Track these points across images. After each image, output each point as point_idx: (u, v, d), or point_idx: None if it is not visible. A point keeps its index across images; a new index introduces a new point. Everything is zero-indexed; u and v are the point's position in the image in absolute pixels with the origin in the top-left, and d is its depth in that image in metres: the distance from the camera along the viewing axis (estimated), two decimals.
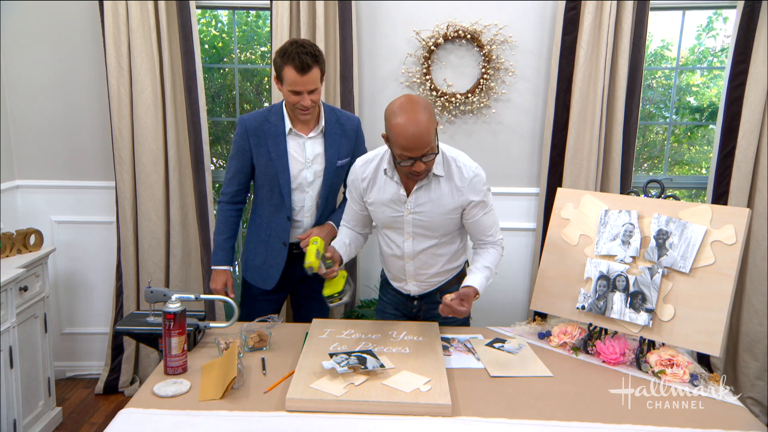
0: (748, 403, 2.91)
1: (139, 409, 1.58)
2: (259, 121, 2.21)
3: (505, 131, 2.99)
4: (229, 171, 2.30)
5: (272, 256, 2.30)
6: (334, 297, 1.93)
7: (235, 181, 2.29)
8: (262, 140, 2.19)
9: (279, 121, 2.20)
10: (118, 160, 2.93)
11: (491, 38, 2.88)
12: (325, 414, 1.55)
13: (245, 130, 2.21)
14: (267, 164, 2.20)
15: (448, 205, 1.95)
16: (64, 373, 3.27)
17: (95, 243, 3.16)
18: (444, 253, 2.07)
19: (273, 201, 2.26)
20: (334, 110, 2.30)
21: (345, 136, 2.28)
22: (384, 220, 2.03)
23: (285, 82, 2.09)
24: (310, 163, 2.23)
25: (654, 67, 3.33)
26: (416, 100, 1.80)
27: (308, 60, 2.03)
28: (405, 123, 1.75)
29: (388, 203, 1.98)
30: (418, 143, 1.76)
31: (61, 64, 2.98)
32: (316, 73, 2.07)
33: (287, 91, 2.10)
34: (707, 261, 1.84)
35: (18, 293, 2.49)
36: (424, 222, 1.98)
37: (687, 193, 3.36)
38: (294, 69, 2.04)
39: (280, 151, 2.19)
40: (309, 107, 2.11)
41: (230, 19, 3.35)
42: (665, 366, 1.80)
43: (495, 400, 1.66)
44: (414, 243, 2.03)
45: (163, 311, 1.73)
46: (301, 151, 2.22)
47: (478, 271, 1.97)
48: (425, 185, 1.94)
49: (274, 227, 2.29)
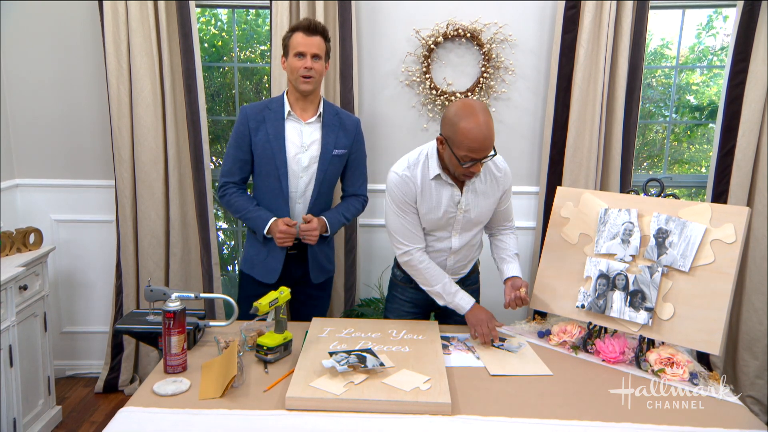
0: (747, 401, 2.91)
1: (138, 407, 1.58)
2: (260, 107, 2.28)
3: (505, 130, 2.99)
4: (228, 161, 2.30)
5: (274, 245, 2.30)
6: (264, 349, 1.83)
7: (236, 168, 2.30)
8: (261, 124, 2.25)
9: (279, 107, 2.27)
10: (118, 158, 2.93)
11: (491, 37, 2.88)
12: (324, 413, 1.55)
13: (246, 115, 2.27)
14: (264, 146, 2.23)
15: (492, 197, 2.09)
16: (64, 371, 3.28)
17: (95, 242, 3.16)
18: (476, 243, 2.20)
19: (271, 186, 2.27)
20: (334, 106, 2.37)
21: (343, 129, 2.31)
22: (435, 223, 2.06)
23: (291, 48, 2.19)
24: (307, 148, 2.26)
25: (654, 65, 3.33)
26: (477, 104, 1.87)
27: (318, 25, 2.19)
28: (475, 127, 1.81)
29: (443, 206, 2.02)
30: (488, 145, 1.85)
31: (61, 64, 2.98)
32: (322, 43, 2.20)
33: (292, 56, 2.19)
34: (707, 260, 1.84)
35: (18, 292, 2.49)
36: (473, 217, 2.07)
37: (687, 191, 3.36)
38: (302, 30, 2.17)
39: (277, 133, 2.23)
40: (312, 73, 2.18)
41: (230, 17, 3.35)
42: (665, 365, 1.80)
43: (495, 398, 1.66)
44: (461, 238, 2.11)
45: (163, 310, 1.73)
46: (298, 135, 2.26)
47: (512, 260, 2.17)
48: (473, 182, 2.03)
49: (274, 214, 2.28)
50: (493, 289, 2.48)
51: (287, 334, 1.90)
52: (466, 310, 2.06)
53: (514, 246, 2.21)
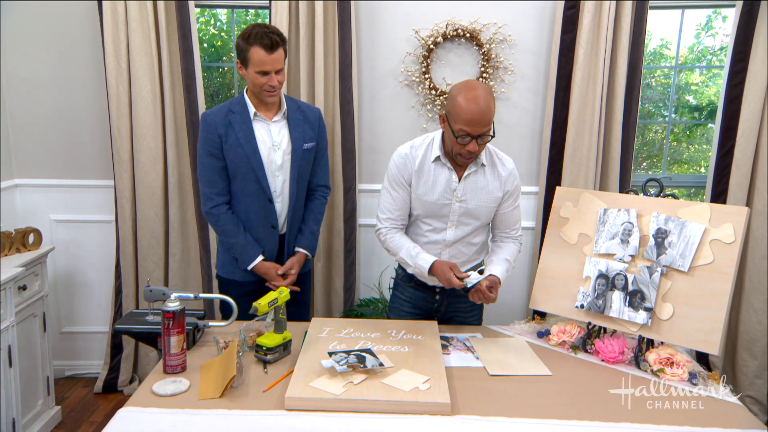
0: (746, 401, 2.91)
1: (138, 408, 1.58)
2: (223, 112, 2.22)
3: (505, 130, 2.99)
4: (206, 172, 2.23)
5: (263, 245, 2.29)
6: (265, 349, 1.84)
7: (217, 177, 2.23)
8: (229, 129, 2.19)
9: (242, 108, 2.22)
10: (117, 158, 2.92)
11: (490, 37, 2.88)
12: (324, 413, 1.55)
13: (211, 122, 2.20)
14: (237, 151, 2.19)
15: (492, 194, 2.05)
16: (63, 372, 3.27)
17: (94, 242, 3.16)
18: (476, 243, 2.14)
19: (250, 188, 2.24)
20: (294, 99, 2.34)
21: (307, 122, 2.31)
22: (430, 208, 2.05)
23: (251, 63, 2.11)
24: (278, 146, 2.24)
25: (653, 65, 3.33)
26: (479, 83, 1.91)
27: (276, 38, 2.09)
28: (471, 99, 1.83)
29: (439, 190, 2.02)
30: (482, 119, 1.84)
31: (61, 64, 2.97)
32: (282, 53, 2.13)
33: (254, 73, 2.12)
34: (706, 260, 1.84)
35: (17, 292, 2.49)
36: (470, 210, 2.05)
37: (686, 191, 3.36)
38: (262, 48, 2.07)
39: (248, 136, 2.19)
40: (277, 87, 2.15)
41: (229, 17, 3.35)
42: (664, 364, 1.80)
43: (494, 398, 1.66)
44: (456, 231, 2.08)
45: (162, 310, 1.73)
46: (268, 135, 2.24)
47: (499, 263, 2.07)
48: (473, 173, 2.02)
49: (257, 214, 2.27)
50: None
51: (286, 334, 1.90)
52: (427, 268, 2.00)
53: (510, 253, 2.12)
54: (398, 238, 2.10)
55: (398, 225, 2.12)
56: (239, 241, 2.25)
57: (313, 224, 2.39)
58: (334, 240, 3.03)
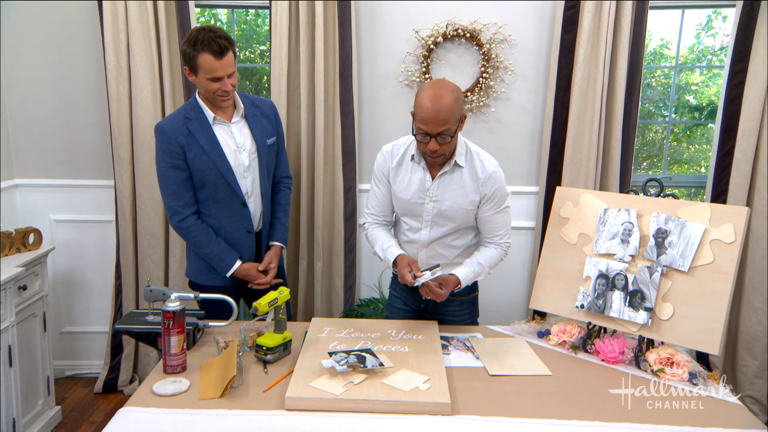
0: (746, 401, 2.91)
1: (138, 408, 1.58)
2: (179, 121, 2.14)
3: (505, 130, 2.99)
4: (169, 185, 2.15)
5: (238, 250, 2.26)
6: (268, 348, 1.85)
7: (182, 189, 2.15)
8: (190, 137, 2.12)
9: (199, 114, 2.15)
10: (117, 158, 2.92)
11: (490, 37, 2.88)
12: (324, 413, 1.55)
13: (169, 133, 2.12)
14: (202, 158, 2.12)
15: (468, 195, 2.01)
16: (64, 372, 3.27)
17: (94, 242, 3.16)
18: (457, 245, 2.11)
19: (220, 194, 2.19)
20: (246, 96, 2.29)
21: (264, 116, 2.29)
22: (405, 206, 2.06)
23: (202, 70, 2.04)
24: (243, 148, 2.21)
25: (653, 65, 3.33)
26: (447, 82, 1.89)
27: (224, 43, 2.02)
28: (429, 97, 1.82)
29: (413, 189, 2.02)
30: (437, 118, 1.81)
31: (61, 64, 2.98)
32: (231, 56, 2.07)
33: (205, 79, 2.06)
34: (706, 260, 1.84)
35: (17, 292, 2.49)
36: (444, 211, 2.02)
37: (686, 191, 3.36)
38: (211, 54, 2.01)
39: (211, 142, 2.14)
40: (230, 91, 2.11)
41: (229, 17, 3.35)
42: (664, 364, 1.80)
43: (494, 398, 1.66)
44: (431, 232, 2.06)
45: (163, 310, 1.73)
46: (230, 138, 2.19)
47: (468, 265, 2.04)
48: (447, 173, 2.00)
49: (230, 220, 2.22)
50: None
51: (286, 334, 1.90)
52: (391, 261, 2.02)
53: (486, 258, 2.05)
54: (377, 232, 2.13)
55: (380, 221, 2.14)
56: (213, 249, 2.20)
57: (282, 216, 2.39)
58: (334, 240, 3.03)
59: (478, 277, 2.06)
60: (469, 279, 2.02)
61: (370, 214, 2.16)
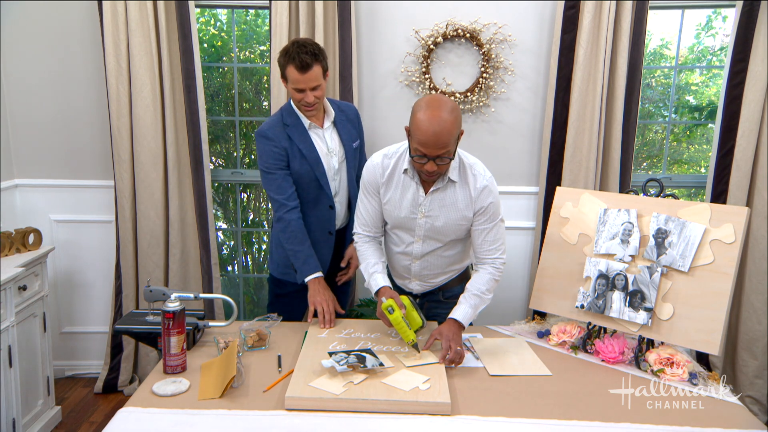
0: (746, 401, 2.91)
1: (138, 408, 1.58)
2: (278, 126, 2.26)
3: (505, 130, 2.99)
4: (274, 182, 2.24)
5: (317, 248, 2.32)
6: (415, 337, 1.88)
7: (286, 183, 2.25)
8: (290, 142, 2.25)
9: (296, 120, 2.27)
10: (117, 159, 2.92)
11: (490, 37, 2.88)
12: (324, 413, 1.55)
13: (274, 138, 2.23)
14: (302, 162, 2.25)
15: (461, 211, 1.95)
16: (64, 372, 3.27)
17: (94, 242, 3.16)
18: (450, 255, 2.08)
19: (311, 196, 2.30)
20: (332, 100, 2.40)
21: (350, 121, 2.40)
22: (397, 219, 2.02)
23: (289, 80, 2.18)
24: (333, 152, 2.32)
25: (653, 66, 3.33)
26: (445, 100, 1.79)
27: (308, 59, 2.10)
28: (428, 118, 1.74)
29: (405, 203, 1.97)
30: (437, 142, 1.75)
31: (61, 64, 2.97)
32: (318, 70, 2.14)
33: (292, 89, 2.19)
34: (706, 260, 1.84)
35: (17, 292, 2.49)
36: (436, 226, 1.98)
37: (686, 191, 3.36)
38: (295, 68, 2.12)
39: (309, 147, 2.26)
40: (312, 104, 2.19)
41: (229, 17, 3.35)
42: (664, 365, 1.80)
43: (494, 398, 1.66)
44: (423, 245, 2.04)
45: (163, 310, 1.73)
46: (323, 142, 2.31)
47: (465, 302, 1.95)
48: (440, 189, 1.94)
49: (316, 220, 2.32)
50: None
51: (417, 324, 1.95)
52: (374, 291, 2.00)
53: (479, 286, 1.96)
54: (365, 249, 2.09)
55: (370, 235, 2.10)
56: (304, 250, 2.25)
57: None
58: None
59: (479, 309, 1.97)
60: (469, 317, 1.93)
61: (359, 226, 2.11)
